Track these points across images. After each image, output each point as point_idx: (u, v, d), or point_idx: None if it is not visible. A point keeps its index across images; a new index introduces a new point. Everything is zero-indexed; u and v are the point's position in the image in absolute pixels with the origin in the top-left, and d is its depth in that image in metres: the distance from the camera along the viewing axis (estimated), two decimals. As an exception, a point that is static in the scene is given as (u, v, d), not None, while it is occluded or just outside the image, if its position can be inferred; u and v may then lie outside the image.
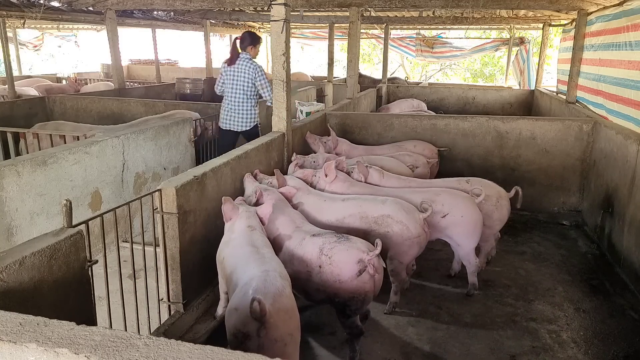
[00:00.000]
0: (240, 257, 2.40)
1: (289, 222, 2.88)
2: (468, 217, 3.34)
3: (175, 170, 4.78)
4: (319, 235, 2.71)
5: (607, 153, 4.51)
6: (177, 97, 9.31)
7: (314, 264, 2.60)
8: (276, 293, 2.03)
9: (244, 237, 2.54)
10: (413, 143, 4.96)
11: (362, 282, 2.53)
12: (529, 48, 11.13)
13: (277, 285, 2.07)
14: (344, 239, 2.62)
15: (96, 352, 1.08)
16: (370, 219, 3.07)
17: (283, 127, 4.17)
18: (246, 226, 2.62)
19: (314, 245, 2.64)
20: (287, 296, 2.09)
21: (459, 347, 2.97)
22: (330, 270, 2.55)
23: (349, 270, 2.52)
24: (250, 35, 5.12)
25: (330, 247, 2.58)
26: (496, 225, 3.70)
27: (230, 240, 2.60)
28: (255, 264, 2.25)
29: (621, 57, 5.26)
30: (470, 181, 3.74)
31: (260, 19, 10.09)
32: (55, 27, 12.09)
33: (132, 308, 2.60)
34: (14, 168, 3.11)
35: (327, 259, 2.56)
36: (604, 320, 3.29)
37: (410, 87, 10.68)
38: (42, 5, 6.77)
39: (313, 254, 2.61)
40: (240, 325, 1.95)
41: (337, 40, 12.09)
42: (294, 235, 2.78)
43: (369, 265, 2.52)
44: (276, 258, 2.42)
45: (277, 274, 2.17)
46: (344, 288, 2.53)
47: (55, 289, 1.94)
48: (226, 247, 2.60)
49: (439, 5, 6.38)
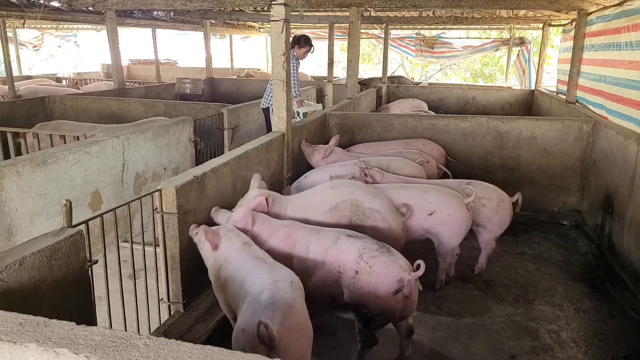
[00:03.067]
0: (247, 269, 2.27)
1: (306, 227, 2.81)
2: (454, 216, 3.34)
3: (175, 170, 4.78)
4: (357, 237, 2.61)
5: (607, 153, 4.50)
6: (177, 97, 9.30)
7: (349, 266, 2.49)
8: (286, 309, 1.89)
9: (244, 253, 2.43)
10: (422, 142, 4.95)
11: (395, 302, 2.43)
12: (530, 48, 11.14)
13: (287, 299, 1.94)
14: (386, 250, 2.52)
15: (96, 352, 1.08)
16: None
17: (283, 127, 4.17)
18: (241, 244, 2.50)
19: (352, 246, 2.53)
20: (299, 310, 1.96)
21: (459, 347, 2.97)
22: (367, 280, 2.43)
23: (387, 286, 2.41)
24: (297, 36, 5.75)
25: (372, 256, 2.46)
26: (496, 229, 3.67)
27: (228, 260, 2.45)
28: (264, 273, 2.15)
29: (621, 57, 5.25)
30: (471, 184, 3.66)
31: (260, 19, 10.09)
32: (55, 27, 12.09)
33: (132, 308, 2.60)
34: (14, 168, 3.11)
35: (367, 267, 2.44)
36: (604, 320, 3.29)
37: (410, 87, 10.67)
38: (42, 5, 6.77)
39: (350, 256, 2.50)
40: (249, 349, 1.81)
41: (337, 40, 12.10)
42: (324, 234, 2.66)
43: (407, 286, 2.43)
44: (286, 267, 2.30)
45: (288, 285, 2.04)
46: (376, 302, 2.43)
47: (55, 289, 1.94)
48: (227, 268, 2.43)
49: (439, 5, 6.38)
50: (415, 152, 4.54)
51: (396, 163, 4.12)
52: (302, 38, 5.75)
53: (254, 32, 13.11)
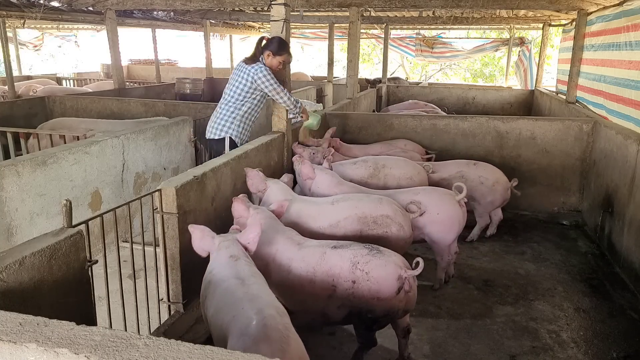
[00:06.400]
0: (223, 295, 2.00)
1: (289, 242, 2.65)
2: (444, 214, 3.37)
3: (175, 170, 4.78)
4: (342, 247, 2.54)
5: (607, 153, 4.50)
6: (177, 97, 9.30)
7: (344, 278, 2.44)
8: (283, 341, 1.70)
9: (227, 270, 2.15)
10: (403, 142, 4.98)
11: (398, 300, 2.43)
12: (530, 48, 11.14)
13: (278, 328, 1.74)
14: (377, 252, 2.48)
15: (96, 352, 1.08)
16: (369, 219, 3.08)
17: (283, 127, 4.17)
18: (228, 256, 2.23)
19: (341, 258, 2.47)
20: (294, 339, 1.77)
21: (459, 347, 2.97)
22: (368, 287, 2.40)
23: (389, 287, 2.40)
24: (268, 40, 4.02)
25: (366, 262, 2.43)
26: (488, 206, 4.31)
27: (212, 273, 2.21)
28: (244, 302, 1.88)
29: (621, 57, 5.25)
30: (477, 164, 4.34)
31: (260, 19, 10.09)
32: (55, 27, 12.09)
33: (132, 308, 2.60)
34: (14, 168, 3.11)
35: (364, 275, 2.41)
36: (604, 320, 3.29)
37: (410, 87, 10.67)
38: (42, 5, 6.77)
39: (343, 268, 2.44)
40: None
41: (337, 40, 12.09)
42: (308, 252, 2.56)
43: (406, 282, 2.43)
44: (266, 290, 2.04)
45: (274, 311, 1.83)
46: (381, 305, 2.42)
47: (55, 289, 1.94)
48: (209, 278, 2.21)
49: (439, 5, 6.38)
50: (400, 151, 4.65)
51: (401, 170, 4.13)
52: (277, 42, 3.94)
53: (253, 32, 13.10)
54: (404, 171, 4.03)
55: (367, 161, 4.15)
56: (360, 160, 4.19)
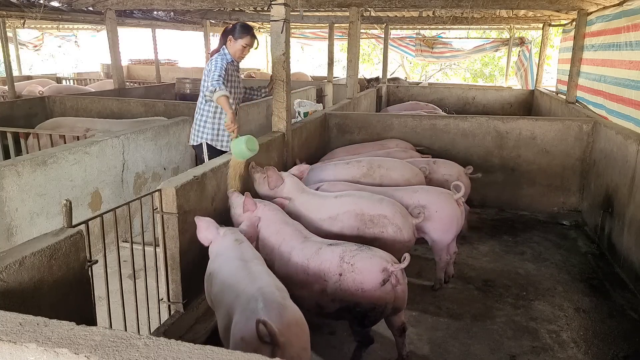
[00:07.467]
0: (228, 275, 2.21)
1: (295, 233, 2.78)
2: (442, 212, 3.37)
3: (175, 170, 4.78)
4: (338, 244, 2.64)
5: (607, 153, 4.50)
6: (177, 97, 9.30)
7: (332, 272, 2.51)
8: (280, 307, 1.89)
9: (232, 251, 2.38)
10: (395, 142, 4.98)
11: (384, 292, 2.45)
12: (530, 48, 11.13)
13: (277, 299, 1.94)
14: (366, 248, 2.56)
15: (96, 352, 1.08)
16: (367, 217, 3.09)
17: (283, 127, 4.17)
18: (233, 240, 2.47)
19: (333, 254, 2.56)
20: (291, 307, 1.96)
21: (459, 347, 2.97)
22: (352, 278, 2.46)
23: (372, 278, 2.44)
24: (231, 26, 3.87)
25: (352, 255, 2.51)
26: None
27: (218, 255, 2.43)
28: (246, 282, 2.10)
29: (621, 57, 5.25)
30: (437, 162, 4.33)
31: (260, 19, 10.08)
32: (55, 27, 12.08)
33: (132, 308, 2.60)
34: (14, 168, 3.11)
35: (349, 267, 2.48)
36: (604, 320, 3.29)
37: (410, 87, 10.67)
38: (42, 5, 6.77)
39: (332, 263, 2.53)
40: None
41: (337, 40, 12.09)
42: (306, 246, 2.67)
43: (392, 276, 2.46)
44: (267, 270, 2.26)
45: (274, 287, 2.04)
46: (366, 297, 2.45)
47: (55, 289, 1.94)
48: (214, 262, 2.42)
49: (439, 5, 6.38)
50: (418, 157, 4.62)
51: (399, 171, 4.11)
52: (237, 25, 3.78)
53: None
54: (401, 173, 4.03)
55: (361, 161, 4.14)
56: (354, 161, 4.17)
